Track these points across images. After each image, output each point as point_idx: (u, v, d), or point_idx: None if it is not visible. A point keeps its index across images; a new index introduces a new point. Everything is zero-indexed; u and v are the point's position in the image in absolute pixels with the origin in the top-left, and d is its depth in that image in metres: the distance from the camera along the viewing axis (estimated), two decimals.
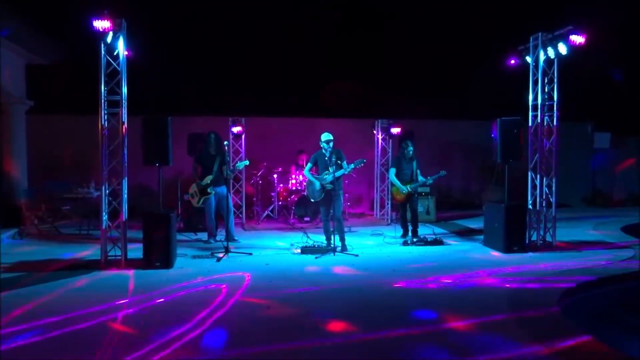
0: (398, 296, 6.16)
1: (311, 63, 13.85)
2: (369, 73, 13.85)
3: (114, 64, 7.56)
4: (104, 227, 7.65)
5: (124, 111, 7.64)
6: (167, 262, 7.42)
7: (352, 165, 8.31)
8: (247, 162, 9.27)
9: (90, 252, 8.48)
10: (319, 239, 9.03)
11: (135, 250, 7.69)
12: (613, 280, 6.92)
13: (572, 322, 5.27)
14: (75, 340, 4.71)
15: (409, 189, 9.35)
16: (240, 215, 11.84)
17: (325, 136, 8.49)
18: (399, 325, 5.09)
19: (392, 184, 9.70)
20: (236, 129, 11.57)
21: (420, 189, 10.08)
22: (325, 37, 13.60)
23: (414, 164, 9.51)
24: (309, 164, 8.78)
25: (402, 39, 13.73)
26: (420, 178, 9.40)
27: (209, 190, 9.16)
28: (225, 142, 9.14)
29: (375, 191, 12.88)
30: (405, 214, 9.66)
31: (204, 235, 9.70)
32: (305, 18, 13.48)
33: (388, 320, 5.25)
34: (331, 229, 8.53)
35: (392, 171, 9.57)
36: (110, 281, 6.78)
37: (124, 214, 7.76)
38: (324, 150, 8.47)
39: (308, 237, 9.32)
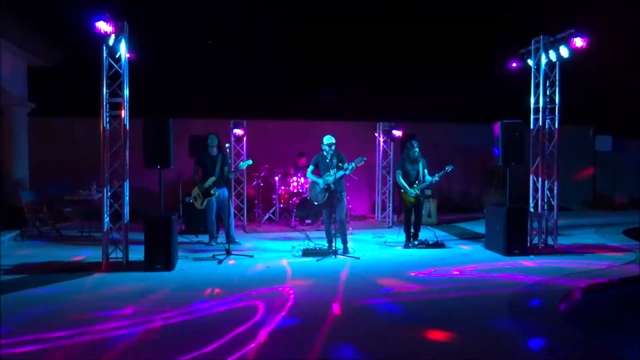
0: (398, 297, 6.15)
1: (313, 65, 13.88)
2: (371, 76, 13.88)
3: (116, 67, 7.58)
4: (105, 229, 7.65)
5: (126, 113, 7.65)
6: (168, 264, 7.42)
7: (352, 164, 8.28)
8: (250, 162, 9.21)
9: (91, 254, 8.47)
10: (321, 241, 9.03)
11: (137, 252, 7.69)
12: (614, 283, 6.90)
13: (573, 325, 5.26)
14: (75, 341, 4.72)
15: (417, 191, 9.14)
16: (242, 218, 11.85)
17: (328, 139, 8.48)
18: (399, 326, 5.09)
19: (401, 187, 9.34)
20: (238, 131, 11.57)
21: (426, 191, 9.90)
22: (327, 39, 13.62)
23: (420, 164, 9.21)
24: (311, 166, 8.77)
25: (404, 42, 13.75)
26: (428, 178, 9.11)
27: (212, 192, 9.15)
28: (227, 145, 9.13)
29: (376, 194, 12.88)
30: (410, 218, 9.36)
31: (205, 238, 9.69)
32: (306, 19, 13.51)
33: (389, 320, 5.25)
34: (333, 232, 8.54)
35: (399, 173, 9.28)
36: (111, 283, 6.78)
37: (126, 216, 7.77)
38: (325, 153, 8.47)
39: (309, 239, 9.32)
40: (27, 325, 5.09)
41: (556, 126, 8.85)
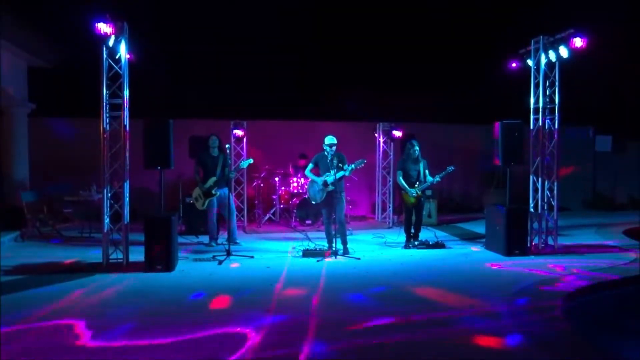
0: (399, 299, 6.15)
1: (313, 66, 13.88)
2: (371, 76, 13.87)
3: (116, 68, 7.58)
4: (105, 230, 7.65)
5: (126, 114, 7.66)
6: (168, 265, 7.41)
7: (352, 166, 8.28)
8: (250, 161, 9.22)
9: (92, 255, 8.46)
10: (321, 242, 9.03)
11: (137, 253, 7.68)
12: (614, 283, 6.90)
13: (573, 326, 5.26)
14: (72, 341, 4.72)
15: (417, 191, 9.09)
16: (242, 218, 11.84)
17: (329, 139, 8.49)
18: (400, 330, 5.10)
19: (401, 188, 9.28)
20: (238, 132, 11.57)
21: (428, 191, 9.83)
22: (327, 40, 13.63)
23: (421, 165, 9.15)
24: (310, 165, 8.78)
25: (404, 42, 13.75)
26: (429, 178, 9.05)
27: (213, 192, 9.14)
28: (227, 145, 9.13)
29: (376, 194, 12.88)
30: (410, 218, 9.30)
31: (205, 238, 9.68)
32: (306, 21, 13.51)
33: (392, 322, 5.25)
34: (333, 232, 8.54)
35: (399, 174, 9.22)
36: (112, 284, 6.78)
37: (126, 217, 7.77)
38: (326, 153, 8.47)
39: (310, 240, 9.31)
40: (21, 325, 5.09)
41: (556, 126, 8.85)
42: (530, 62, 8.91)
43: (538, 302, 6.04)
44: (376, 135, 12.73)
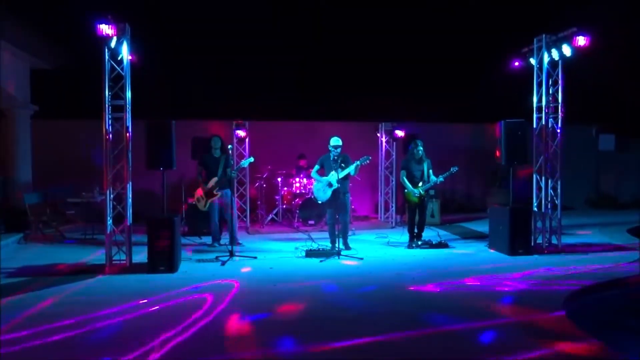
0: (405, 299, 6.14)
1: (314, 66, 13.86)
2: (372, 76, 13.85)
3: (118, 69, 7.58)
4: (108, 231, 7.65)
5: (128, 116, 7.65)
6: (171, 266, 7.41)
7: (357, 162, 8.31)
8: (251, 159, 9.23)
9: (95, 256, 8.46)
10: (324, 242, 9.02)
11: (140, 254, 7.69)
12: (618, 283, 6.87)
13: (578, 326, 5.24)
14: (76, 344, 4.72)
15: (421, 191, 9.08)
16: (245, 219, 11.84)
17: (334, 140, 8.53)
18: (405, 328, 5.08)
19: (404, 187, 9.23)
20: (240, 133, 11.57)
21: (430, 191, 9.83)
22: (328, 40, 13.61)
23: (425, 164, 9.14)
24: (316, 166, 8.80)
25: (406, 42, 13.72)
26: (433, 178, 9.04)
27: (215, 192, 9.13)
28: (229, 146, 9.14)
29: (379, 194, 12.87)
30: (413, 218, 9.27)
31: (208, 239, 9.68)
32: (306, 21, 13.50)
33: (395, 323, 5.23)
34: (336, 232, 8.53)
35: (403, 174, 9.20)
36: (115, 285, 6.78)
37: (128, 218, 7.77)
38: (330, 155, 8.50)
39: (313, 240, 9.31)
40: (25, 327, 5.09)
41: (559, 125, 8.82)
42: (533, 61, 8.89)
43: (543, 301, 6.02)
44: (378, 135, 12.72)
